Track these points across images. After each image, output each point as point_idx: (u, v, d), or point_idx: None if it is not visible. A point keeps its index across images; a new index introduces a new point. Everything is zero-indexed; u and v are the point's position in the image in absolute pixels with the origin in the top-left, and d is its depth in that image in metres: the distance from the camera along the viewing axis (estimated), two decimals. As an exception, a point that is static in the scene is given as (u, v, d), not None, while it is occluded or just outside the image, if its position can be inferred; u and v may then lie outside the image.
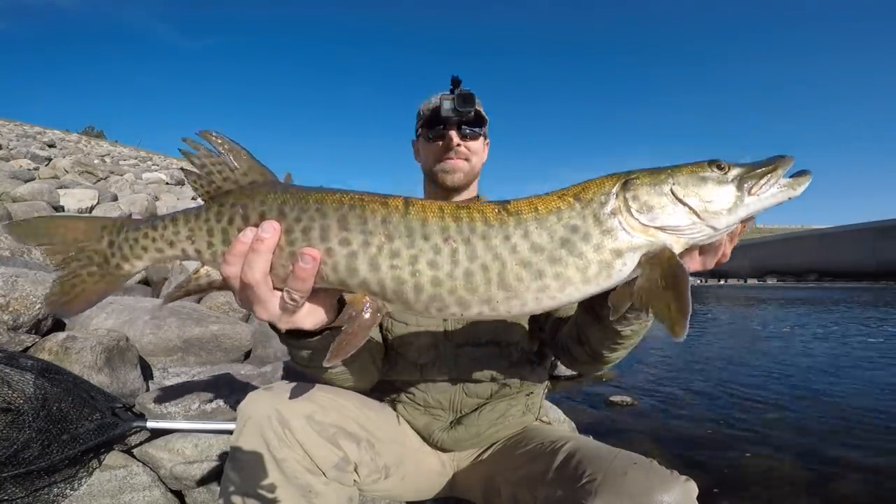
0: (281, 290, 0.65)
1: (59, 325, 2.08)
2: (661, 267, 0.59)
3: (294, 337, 0.78)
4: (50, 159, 9.33)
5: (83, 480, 1.39)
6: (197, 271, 0.71)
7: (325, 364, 0.63)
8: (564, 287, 0.61)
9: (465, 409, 1.16)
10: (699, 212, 0.61)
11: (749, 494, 1.96)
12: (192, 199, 9.58)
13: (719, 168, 0.63)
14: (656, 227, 0.61)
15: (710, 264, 0.72)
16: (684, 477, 0.87)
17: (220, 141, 0.68)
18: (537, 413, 1.28)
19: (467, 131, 1.24)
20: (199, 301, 2.90)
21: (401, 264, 0.61)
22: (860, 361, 4.73)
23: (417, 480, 1.17)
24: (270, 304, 0.65)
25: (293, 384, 1.01)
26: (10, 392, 1.35)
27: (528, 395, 1.22)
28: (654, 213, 0.61)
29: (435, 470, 1.20)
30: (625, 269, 0.62)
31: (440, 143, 1.25)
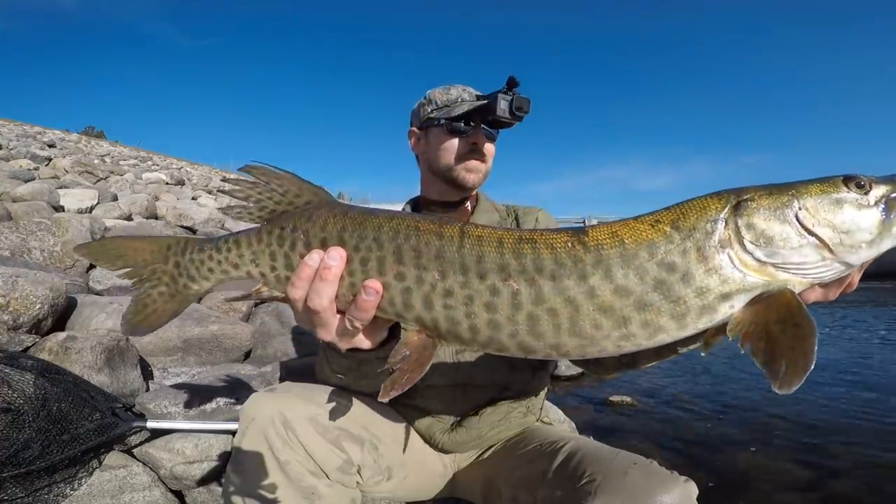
0: (342, 313, 0.64)
1: (59, 325, 2.08)
2: (780, 312, 0.47)
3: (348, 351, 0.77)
4: (50, 159, 9.32)
5: (83, 480, 1.39)
6: (259, 289, 0.72)
7: (380, 399, 0.60)
8: (654, 335, 0.51)
9: (466, 411, 1.16)
10: (832, 245, 0.47)
11: (749, 494, 1.96)
12: (193, 198, 9.57)
13: (859, 187, 0.48)
14: (776, 265, 0.48)
15: (833, 296, 0.61)
16: (683, 478, 0.86)
17: (262, 172, 0.67)
18: (538, 414, 1.28)
19: (493, 133, 1.21)
20: (199, 301, 2.90)
21: (455, 304, 0.56)
22: (860, 361, 4.73)
23: (419, 481, 1.17)
24: (333, 327, 0.65)
25: (296, 385, 1.01)
26: (10, 392, 1.35)
27: (528, 397, 1.22)
28: (774, 246, 0.47)
29: (436, 471, 1.20)
30: (731, 311, 0.51)
31: (467, 140, 1.18)
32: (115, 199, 6.13)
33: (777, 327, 0.47)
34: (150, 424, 1.54)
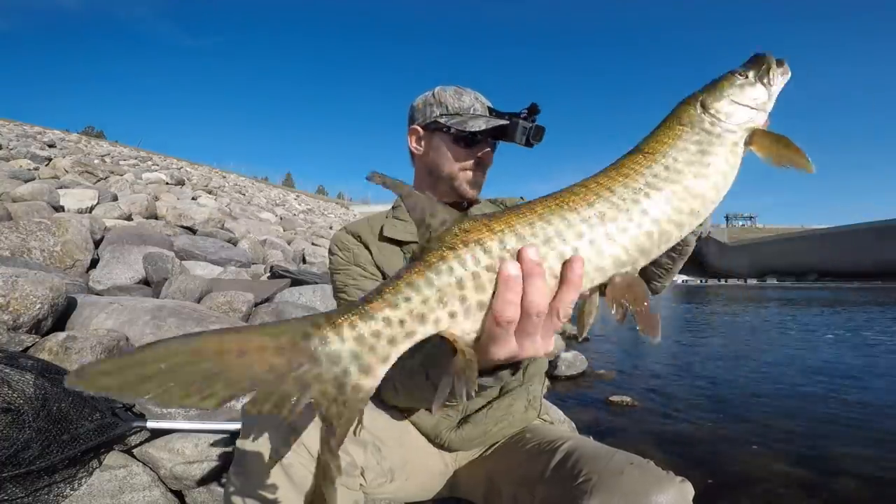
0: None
1: (59, 325, 2.08)
2: (764, 135, 0.63)
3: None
4: (50, 159, 9.32)
5: (83, 480, 1.39)
6: (453, 337, 0.54)
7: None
8: (708, 205, 0.63)
9: (472, 407, 1.16)
10: (754, 107, 0.66)
11: (749, 495, 1.96)
12: (193, 199, 9.56)
13: (743, 76, 0.67)
14: (740, 125, 0.65)
15: None
16: (680, 478, 0.87)
17: (394, 183, 0.57)
18: (539, 409, 1.29)
19: (495, 147, 1.21)
20: (199, 301, 2.90)
21: (617, 235, 0.58)
22: (860, 361, 4.73)
23: (421, 481, 1.17)
24: (547, 329, 0.59)
25: None
26: (10, 392, 1.35)
27: (529, 387, 1.22)
28: (733, 117, 0.64)
29: (438, 470, 1.20)
30: (738, 160, 0.65)
31: (474, 153, 1.15)
32: (115, 199, 6.13)
33: (774, 141, 0.63)
34: (150, 424, 1.54)
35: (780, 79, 0.67)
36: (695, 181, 0.61)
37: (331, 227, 14.34)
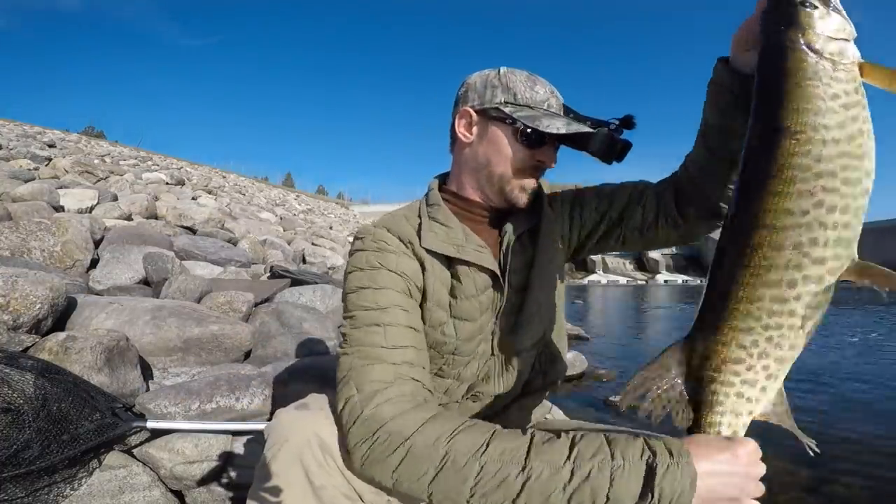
0: None
1: (59, 325, 2.08)
2: (877, 68, 0.57)
3: None
4: (50, 159, 9.32)
5: (83, 480, 1.39)
6: None
7: None
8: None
9: (499, 404, 1.09)
10: (847, 38, 0.59)
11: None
12: (193, 198, 9.56)
13: (814, 6, 0.59)
14: (854, 60, 0.59)
15: None
16: None
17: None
18: (549, 408, 1.29)
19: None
20: (199, 301, 2.90)
21: None
22: (860, 360, 4.73)
23: None
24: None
25: (326, 400, 0.91)
26: (10, 392, 1.35)
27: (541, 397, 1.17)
28: (845, 53, 0.58)
29: None
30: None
31: (535, 155, 0.96)
32: (115, 199, 6.13)
33: (887, 72, 0.57)
34: (150, 424, 1.54)
35: (838, 1, 0.60)
36: (855, 141, 0.55)
37: (331, 227, 14.34)
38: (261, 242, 6.15)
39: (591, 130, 0.93)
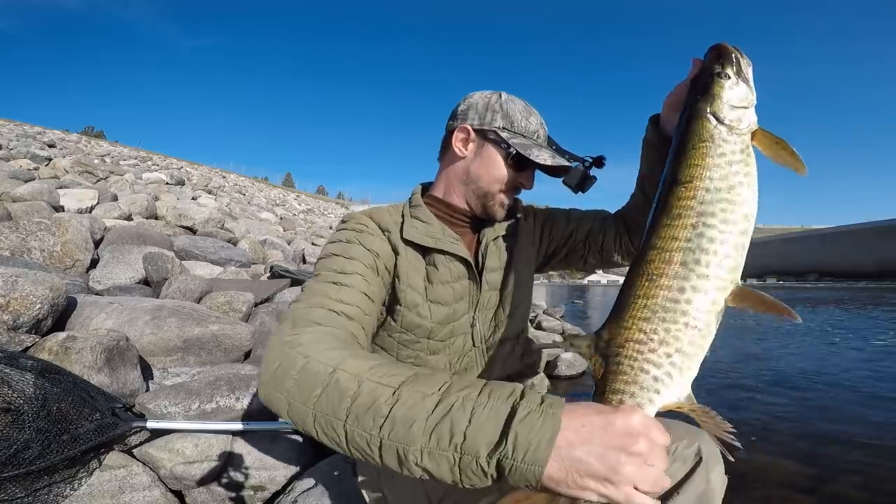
0: None
1: (59, 325, 2.08)
2: (766, 136, 0.70)
3: None
4: (50, 159, 9.33)
5: (83, 480, 1.39)
6: None
7: None
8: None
9: None
10: (748, 106, 0.72)
11: (748, 494, 1.96)
12: (193, 199, 9.57)
13: (727, 77, 0.72)
14: (749, 127, 0.71)
15: None
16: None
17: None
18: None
19: None
20: (199, 301, 2.90)
21: None
22: (861, 360, 4.73)
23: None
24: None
25: None
26: (10, 392, 1.35)
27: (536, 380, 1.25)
28: (742, 121, 0.70)
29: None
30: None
31: (518, 178, 1.07)
32: (115, 199, 6.13)
33: (777, 143, 0.70)
34: (150, 424, 1.54)
35: (749, 70, 0.72)
36: (734, 191, 0.67)
37: (331, 227, 14.33)
38: (261, 242, 6.15)
39: (569, 165, 1.07)
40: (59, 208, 5.04)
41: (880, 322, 8.23)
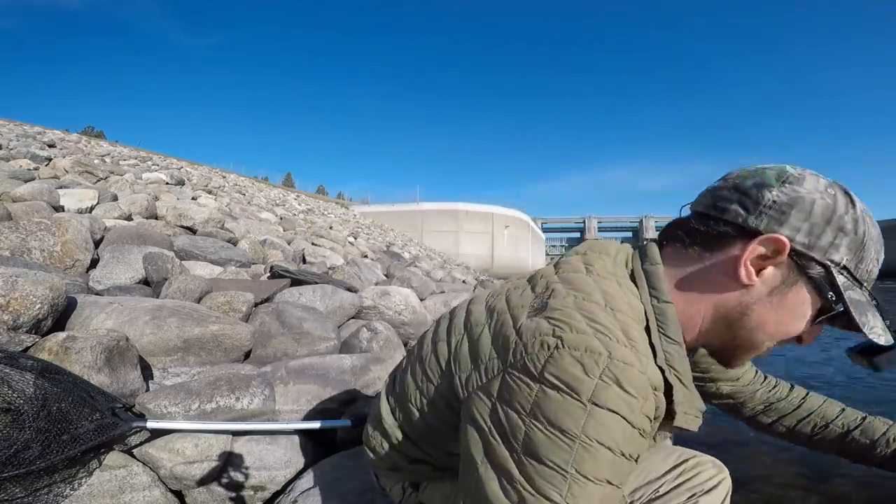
0: None
1: (59, 325, 2.08)
2: None
3: None
4: (50, 159, 9.31)
5: (83, 480, 1.39)
6: None
7: None
8: None
9: None
10: None
11: (749, 494, 1.96)
12: (193, 199, 9.56)
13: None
14: None
15: None
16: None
17: None
18: None
19: None
20: (199, 301, 2.90)
21: None
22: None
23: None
24: None
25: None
26: (10, 392, 1.35)
27: None
28: None
29: None
30: None
31: (814, 330, 0.74)
32: (116, 199, 6.12)
33: None
34: (150, 424, 1.54)
35: None
36: None
37: (331, 227, 14.31)
38: (261, 242, 6.15)
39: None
40: (59, 208, 5.04)
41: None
